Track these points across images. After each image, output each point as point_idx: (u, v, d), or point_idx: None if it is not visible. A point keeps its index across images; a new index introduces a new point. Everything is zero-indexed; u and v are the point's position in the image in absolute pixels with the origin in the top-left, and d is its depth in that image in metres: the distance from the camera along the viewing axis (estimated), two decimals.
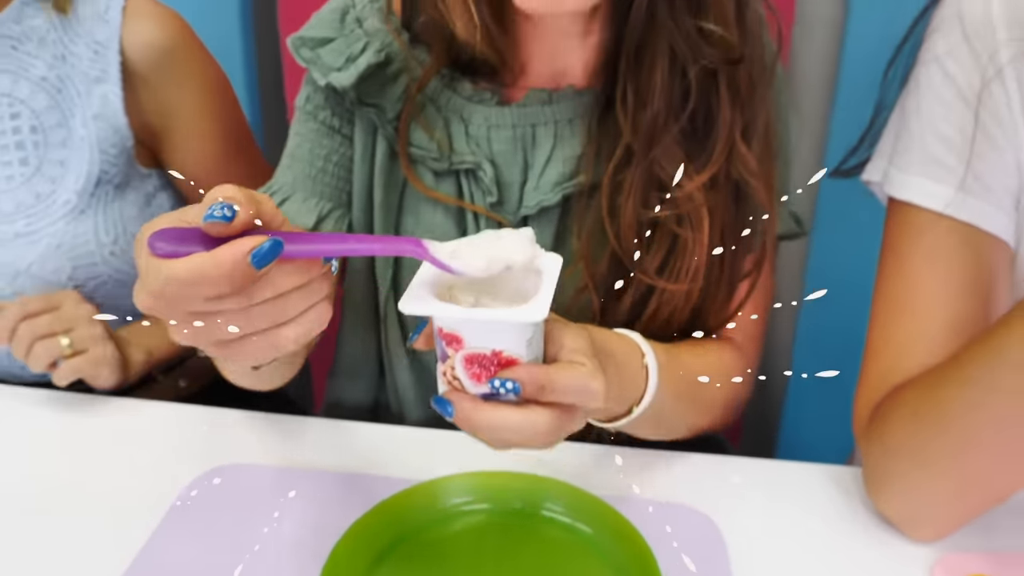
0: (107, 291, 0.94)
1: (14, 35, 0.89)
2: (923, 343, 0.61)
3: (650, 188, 0.71)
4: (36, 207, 0.90)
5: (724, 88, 0.69)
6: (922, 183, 0.64)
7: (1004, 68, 0.60)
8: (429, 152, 0.75)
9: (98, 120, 0.90)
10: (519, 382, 0.49)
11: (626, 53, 0.70)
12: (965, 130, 0.62)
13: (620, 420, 0.64)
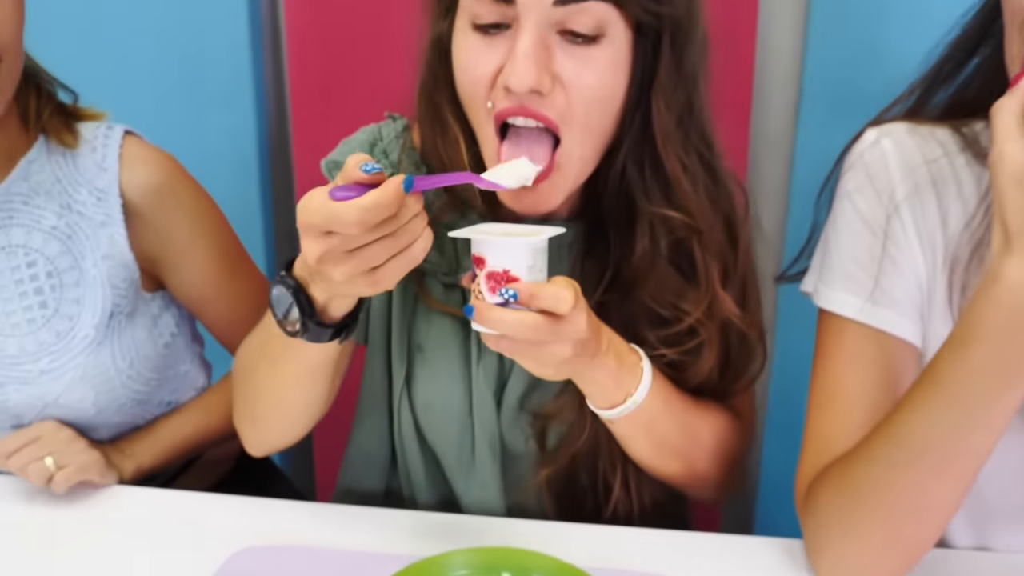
0: (127, 411, 1.04)
1: (24, 192, 0.98)
2: (847, 431, 0.73)
3: (645, 322, 0.84)
4: (57, 345, 0.98)
5: (699, 250, 0.83)
6: (841, 296, 0.77)
7: (900, 204, 0.74)
8: (439, 267, 0.88)
9: (107, 259, 0.99)
10: (516, 291, 0.69)
11: (605, 215, 0.85)
12: (873, 254, 0.75)
13: (617, 408, 0.79)
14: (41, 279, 0.99)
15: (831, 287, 0.78)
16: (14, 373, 0.97)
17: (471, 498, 0.92)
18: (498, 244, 0.70)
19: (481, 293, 0.71)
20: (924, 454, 0.65)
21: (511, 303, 0.69)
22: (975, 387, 0.62)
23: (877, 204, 0.75)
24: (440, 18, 0.83)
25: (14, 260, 0.97)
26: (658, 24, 0.77)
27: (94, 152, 0.99)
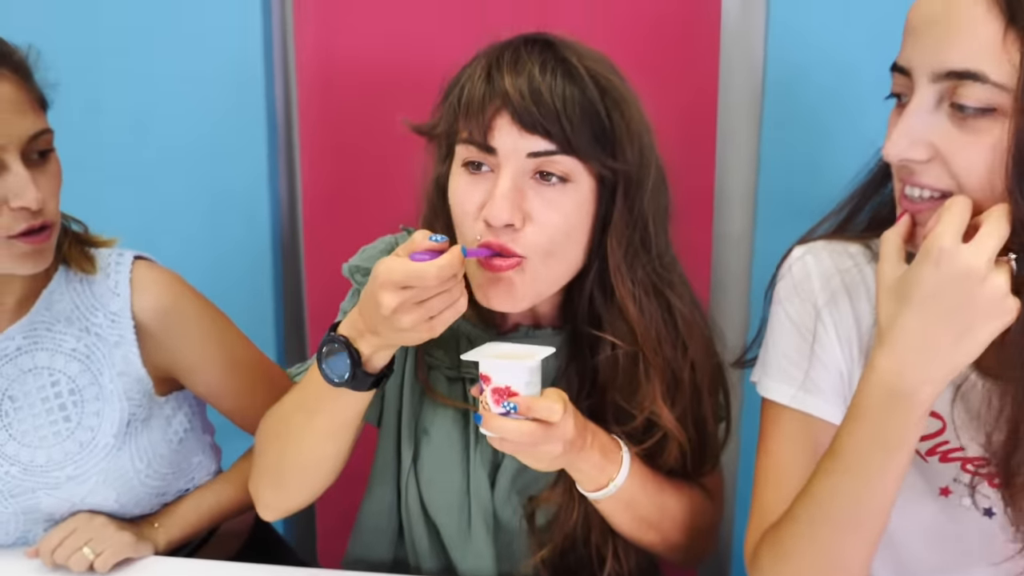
0: (146, 504, 1.15)
1: (47, 319, 1.08)
2: (782, 500, 0.86)
3: (614, 420, 0.98)
4: (81, 453, 1.08)
5: (643, 367, 0.97)
6: (777, 386, 0.91)
7: (821, 309, 0.89)
8: (444, 363, 1.03)
9: (122, 375, 1.09)
10: (516, 404, 0.85)
11: (577, 330, 1.00)
12: (802, 351, 0.89)
13: (601, 491, 0.94)
14: (64, 396, 1.09)
15: (769, 378, 0.92)
16: (44, 480, 1.08)
17: (467, 566, 1.04)
18: (502, 365, 0.86)
19: (487, 404, 0.87)
20: (833, 513, 0.78)
21: (512, 413, 0.86)
22: (864, 456, 0.76)
23: (803, 309, 0.90)
24: (440, 162, 0.99)
25: (40, 380, 1.08)
26: (614, 176, 0.93)
27: (107, 278, 1.09)
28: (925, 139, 0.74)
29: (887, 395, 0.74)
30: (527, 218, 0.90)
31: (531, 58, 0.91)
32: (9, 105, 0.96)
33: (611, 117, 0.92)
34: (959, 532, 0.87)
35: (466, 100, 0.92)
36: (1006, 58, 0.69)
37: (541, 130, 0.89)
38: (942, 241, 0.71)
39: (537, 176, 0.91)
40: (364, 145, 1.48)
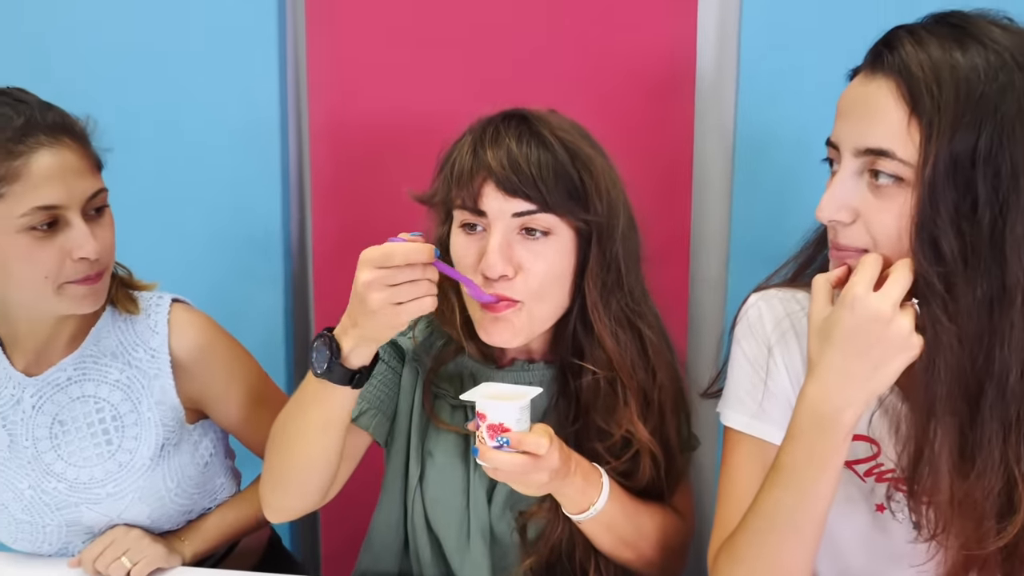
0: (174, 520, 1.28)
1: (94, 353, 1.22)
2: (739, 515, 0.97)
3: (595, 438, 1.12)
4: (120, 473, 1.21)
5: (621, 389, 1.11)
6: (735, 415, 1.04)
7: (772, 347, 1.02)
8: (448, 392, 1.17)
9: (159, 405, 1.22)
10: (508, 439, 0.97)
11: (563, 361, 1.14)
12: (756, 384, 1.02)
13: (583, 514, 1.06)
14: (107, 422, 1.22)
15: (729, 408, 1.05)
16: (86, 496, 1.22)
17: (465, 575, 1.17)
18: (495, 405, 0.98)
19: (483, 438, 0.99)
20: (776, 522, 0.91)
21: (504, 447, 0.98)
22: (799, 472, 0.89)
23: (757, 348, 1.03)
24: (440, 224, 1.15)
25: (87, 407, 1.21)
26: (588, 227, 1.08)
27: (148, 318, 1.23)
28: (848, 204, 0.88)
29: (815, 419, 0.87)
30: (518, 268, 1.05)
31: (508, 133, 1.07)
32: (71, 170, 1.10)
33: (581, 177, 1.07)
34: (889, 541, 0.99)
35: (457, 172, 1.08)
36: (910, 139, 0.83)
37: (522, 194, 1.04)
38: (856, 289, 0.84)
39: (523, 232, 1.06)
40: (370, 196, 1.60)
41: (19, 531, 1.24)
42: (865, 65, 0.89)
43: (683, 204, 1.55)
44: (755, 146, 1.50)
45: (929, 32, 0.85)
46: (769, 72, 1.46)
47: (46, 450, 1.21)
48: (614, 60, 1.51)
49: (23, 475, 1.21)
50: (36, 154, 1.08)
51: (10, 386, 1.21)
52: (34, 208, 1.07)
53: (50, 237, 1.09)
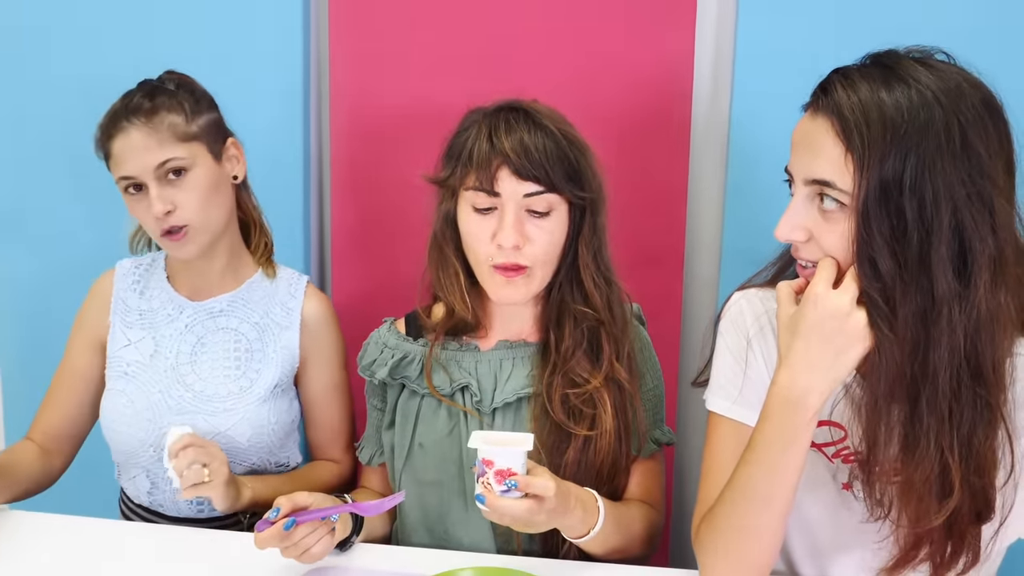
0: (259, 454, 1.47)
1: (244, 298, 1.49)
2: (715, 492, 1.09)
3: (569, 386, 1.28)
4: (239, 395, 1.45)
5: (604, 335, 1.29)
6: (717, 400, 1.15)
7: (752, 340, 1.13)
8: (446, 384, 1.32)
9: (284, 350, 1.48)
10: (517, 482, 1.06)
11: (549, 320, 1.32)
12: (736, 372, 1.13)
13: (584, 538, 1.17)
14: (241, 352, 1.47)
15: (712, 394, 1.16)
16: (205, 407, 1.44)
17: (469, 540, 1.29)
18: (503, 452, 1.07)
19: (490, 484, 1.07)
20: (748, 494, 1.02)
21: (512, 489, 1.07)
22: (769, 449, 1.00)
23: (738, 340, 1.14)
24: (448, 199, 1.31)
25: (227, 336, 1.47)
26: (582, 202, 1.27)
27: (289, 286, 1.51)
28: (802, 225, 0.99)
29: (784, 402, 0.98)
30: (526, 240, 1.24)
31: (519, 125, 1.24)
32: (138, 147, 1.35)
33: (577, 161, 1.26)
34: (854, 517, 1.10)
35: (476, 157, 1.24)
36: (847, 171, 0.94)
37: (532, 177, 1.23)
38: (817, 288, 0.96)
39: (529, 210, 1.24)
40: (387, 191, 1.71)
41: (136, 426, 1.43)
42: (809, 104, 1.01)
43: (679, 210, 1.66)
44: (747, 157, 1.61)
45: (861, 74, 0.97)
46: (761, 88, 1.57)
47: (184, 363, 1.45)
48: (616, 72, 1.62)
49: (157, 379, 1.44)
50: (116, 136, 1.36)
51: (170, 306, 1.48)
52: (119, 178, 1.38)
53: (140, 199, 1.38)
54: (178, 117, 1.37)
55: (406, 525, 1.35)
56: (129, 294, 1.50)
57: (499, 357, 1.34)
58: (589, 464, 1.27)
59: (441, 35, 1.65)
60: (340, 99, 1.70)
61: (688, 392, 1.71)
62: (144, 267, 1.53)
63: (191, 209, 1.37)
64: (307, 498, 1.15)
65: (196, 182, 1.38)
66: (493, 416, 1.32)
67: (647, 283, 1.56)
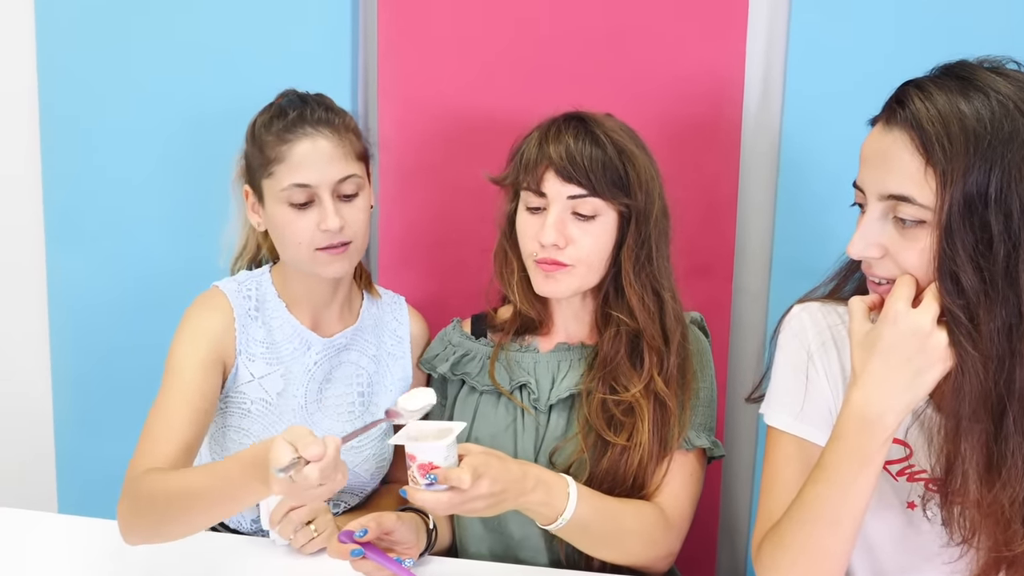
0: (380, 477, 1.46)
1: (362, 329, 1.45)
2: (780, 508, 1.05)
3: (608, 392, 1.30)
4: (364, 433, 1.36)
5: (645, 346, 1.31)
6: (778, 416, 1.12)
7: (813, 355, 1.11)
8: (504, 378, 1.35)
9: (400, 381, 1.47)
10: (436, 475, 1.07)
11: (598, 323, 1.36)
12: (797, 388, 1.11)
13: (553, 524, 1.19)
14: (363, 386, 1.44)
15: (772, 410, 1.14)
16: None
17: (521, 533, 1.31)
18: (423, 447, 1.08)
19: (415, 477, 1.09)
20: (818, 514, 0.99)
21: (434, 483, 1.08)
22: (842, 469, 0.97)
23: (799, 354, 1.12)
24: (510, 201, 1.39)
25: (350, 370, 1.43)
26: (628, 211, 1.30)
27: (393, 311, 1.50)
28: (877, 242, 0.97)
29: (859, 421, 0.96)
30: (569, 240, 1.29)
31: (568, 131, 1.29)
32: (324, 156, 1.31)
33: (626, 169, 1.29)
34: (920, 539, 1.07)
35: (525, 161, 1.32)
36: (927, 186, 0.92)
37: (575, 180, 1.27)
38: (897, 305, 0.94)
39: (575, 213, 1.29)
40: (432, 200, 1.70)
41: None
42: (881, 117, 0.98)
43: (728, 220, 1.63)
44: (798, 166, 1.58)
45: (936, 85, 0.94)
46: (814, 96, 1.54)
47: (312, 401, 1.40)
48: (665, 78, 1.60)
49: (285, 420, 1.38)
50: (299, 142, 1.30)
51: (296, 340, 1.40)
52: (291, 185, 1.30)
53: (305, 210, 1.30)
54: (356, 135, 1.37)
55: (462, 517, 1.37)
56: (249, 322, 1.37)
57: (557, 359, 1.39)
58: (621, 476, 1.28)
59: (490, 40, 1.64)
60: (388, 105, 1.70)
61: (736, 405, 1.69)
62: (253, 292, 1.39)
63: (359, 227, 1.34)
64: (393, 522, 1.19)
65: (363, 203, 1.36)
66: (549, 413, 1.35)
67: (696, 294, 1.54)
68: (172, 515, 1.16)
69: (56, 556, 1.25)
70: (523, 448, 1.34)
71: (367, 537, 1.14)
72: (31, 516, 1.35)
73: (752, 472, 1.70)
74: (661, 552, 1.29)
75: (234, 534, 1.43)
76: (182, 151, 1.74)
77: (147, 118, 1.74)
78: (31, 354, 1.90)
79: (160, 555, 1.24)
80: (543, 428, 1.35)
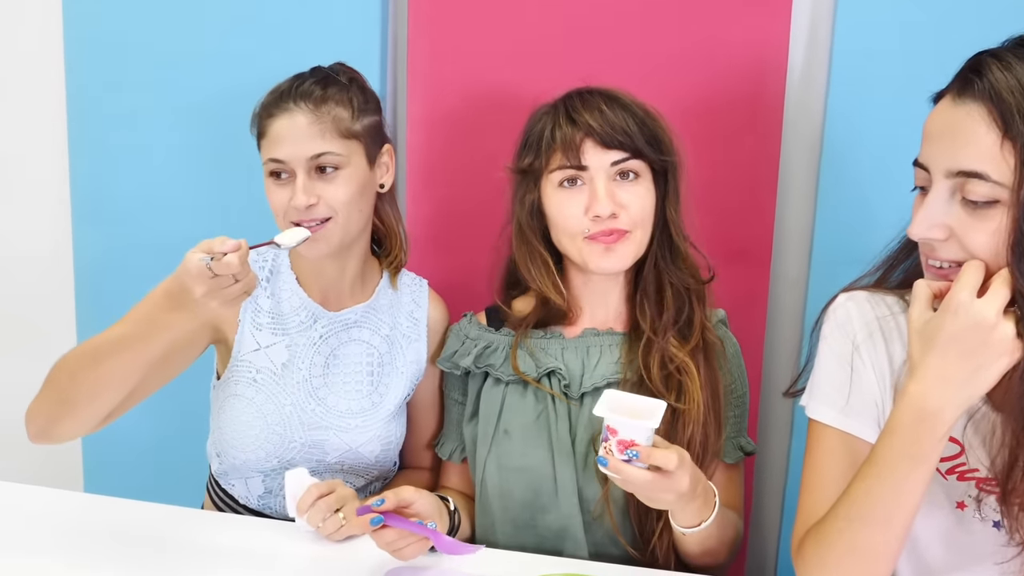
0: (387, 460, 1.43)
1: (376, 307, 1.43)
2: (823, 504, 1.01)
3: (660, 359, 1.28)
4: (369, 411, 1.39)
5: (695, 300, 1.31)
6: (822, 408, 1.07)
7: (860, 346, 1.05)
8: (532, 369, 1.31)
9: (413, 364, 1.44)
10: (638, 452, 1.04)
11: (646, 297, 1.32)
12: (842, 379, 1.06)
13: (693, 528, 1.16)
14: (373, 366, 1.41)
15: (815, 402, 1.09)
16: (338, 423, 1.38)
17: (559, 524, 1.27)
18: (629, 424, 1.04)
19: (612, 450, 1.06)
20: (867, 512, 0.94)
21: (633, 460, 1.04)
22: (895, 465, 0.92)
23: (844, 345, 1.06)
24: (532, 189, 1.32)
25: (359, 349, 1.41)
26: (664, 166, 1.30)
27: (412, 292, 1.47)
28: (942, 223, 0.91)
29: (916, 416, 0.90)
30: (621, 207, 1.26)
31: (594, 99, 1.28)
32: (299, 133, 1.29)
33: (655, 128, 1.29)
34: (971, 539, 1.02)
35: (559, 137, 1.27)
36: (1004, 161, 0.86)
37: (616, 144, 1.26)
38: (960, 296, 0.88)
39: (617, 177, 1.27)
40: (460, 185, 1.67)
41: (264, 439, 1.36)
42: (951, 90, 0.92)
43: (768, 202, 1.58)
44: (843, 147, 1.52)
45: (1015, 55, 0.88)
46: (860, 74, 1.49)
47: (318, 375, 1.38)
48: (703, 58, 1.55)
49: (288, 391, 1.36)
50: (279, 116, 1.30)
51: (303, 313, 1.39)
52: (268, 159, 1.31)
53: (283, 185, 1.31)
54: (345, 112, 1.32)
55: (488, 514, 1.34)
56: (259, 292, 1.38)
57: (586, 344, 1.34)
58: (677, 439, 1.24)
59: (522, 21, 1.59)
60: (417, 83, 1.66)
61: (771, 398, 1.64)
62: (269, 262, 1.42)
63: (337, 204, 1.30)
64: (413, 495, 1.17)
65: (346, 180, 1.31)
66: (582, 401, 1.31)
67: (732, 281, 1.49)
68: (80, 379, 1.18)
69: (82, 535, 1.24)
70: (559, 437, 1.30)
71: (385, 507, 1.12)
72: (57, 494, 1.34)
73: (785, 466, 1.65)
74: (732, 558, 1.30)
75: (258, 516, 1.42)
76: (209, 130, 1.72)
77: (174, 96, 1.72)
78: (59, 337, 1.89)
79: (188, 538, 1.23)
80: (577, 415, 1.31)
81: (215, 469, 1.46)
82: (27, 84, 1.83)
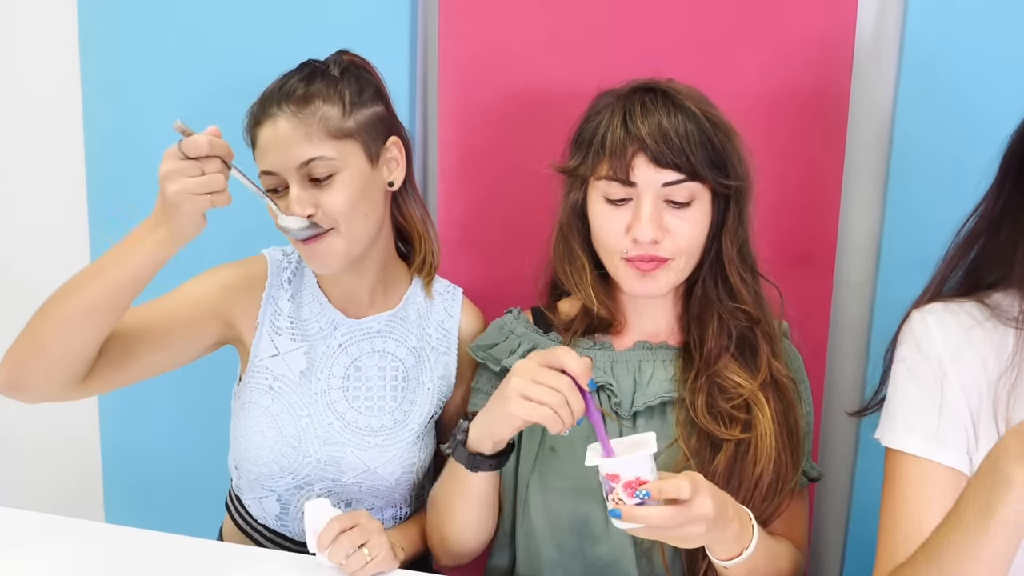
0: (409, 485, 1.32)
1: (403, 317, 1.32)
2: (908, 545, 0.91)
3: (718, 392, 1.15)
4: (392, 429, 1.29)
5: (759, 333, 1.18)
6: (904, 438, 0.96)
7: (947, 368, 0.94)
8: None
9: (441, 379, 1.33)
10: (648, 491, 0.93)
11: (692, 319, 1.21)
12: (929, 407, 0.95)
13: (733, 560, 1.03)
14: (397, 380, 1.31)
15: (895, 432, 0.98)
16: (357, 440, 1.28)
17: (610, 556, 1.17)
18: (628, 461, 0.94)
19: (621, 498, 0.95)
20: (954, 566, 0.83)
21: (647, 500, 0.93)
22: (971, 518, 0.81)
23: (927, 367, 0.96)
24: (576, 190, 1.20)
25: (383, 361, 1.31)
26: (727, 191, 1.15)
27: (444, 302, 1.36)
28: None
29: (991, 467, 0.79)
30: (666, 232, 1.13)
31: (656, 107, 1.13)
32: (284, 139, 1.18)
33: (723, 145, 1.14)
34: None
35: (609, 145, 1.13)
36: None
37: (672, 164, 1.11)
38: None
39: (668, 200, 1.13)
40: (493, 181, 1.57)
41: (278, 451, 1.27)
42: None
43: (831, 203, 1.47)
44: (913, 144, 1.41)
45: None
46: (933, 65, 1.38)
47: (336, 387, 1.29)
48: (761, 47, 1.44)
49: (305, 402, 1.28)
50: (264, 124, 1.20)
51: (323, 319, 1.30)
52: (260, 172, 1.21)
53: (281, 199, 1.20)
54: (333, 109, 1.19)
55: (533, 538, 1.22)
56: (281, 293, 1.30)
57: (637, 359, 1.23)
58: (743, 475, 1.13)
59: (562, 5, 1.49)
60: (449, 74, 1.57)
61: (833, 416, 1.53)
62: (293, 264, 1.33)
63: (337, 213, 1.18)
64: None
65: (344, 185, 1.19)
66: (634, 421, 1.19)
67: (792, 286, 1.38)
68: (49, 314, 1.10)
69: (102, 566, 1.16)
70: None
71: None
72: (77, 524, 1.26)
73: (848, 491, 1.53)
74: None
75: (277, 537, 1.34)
76: (233, 130, 1.62)
77: (196, 85, 1.66)
78: None
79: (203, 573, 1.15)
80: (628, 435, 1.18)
81: (234, 484, 1.38)
82: (43, 85, 1.79)
